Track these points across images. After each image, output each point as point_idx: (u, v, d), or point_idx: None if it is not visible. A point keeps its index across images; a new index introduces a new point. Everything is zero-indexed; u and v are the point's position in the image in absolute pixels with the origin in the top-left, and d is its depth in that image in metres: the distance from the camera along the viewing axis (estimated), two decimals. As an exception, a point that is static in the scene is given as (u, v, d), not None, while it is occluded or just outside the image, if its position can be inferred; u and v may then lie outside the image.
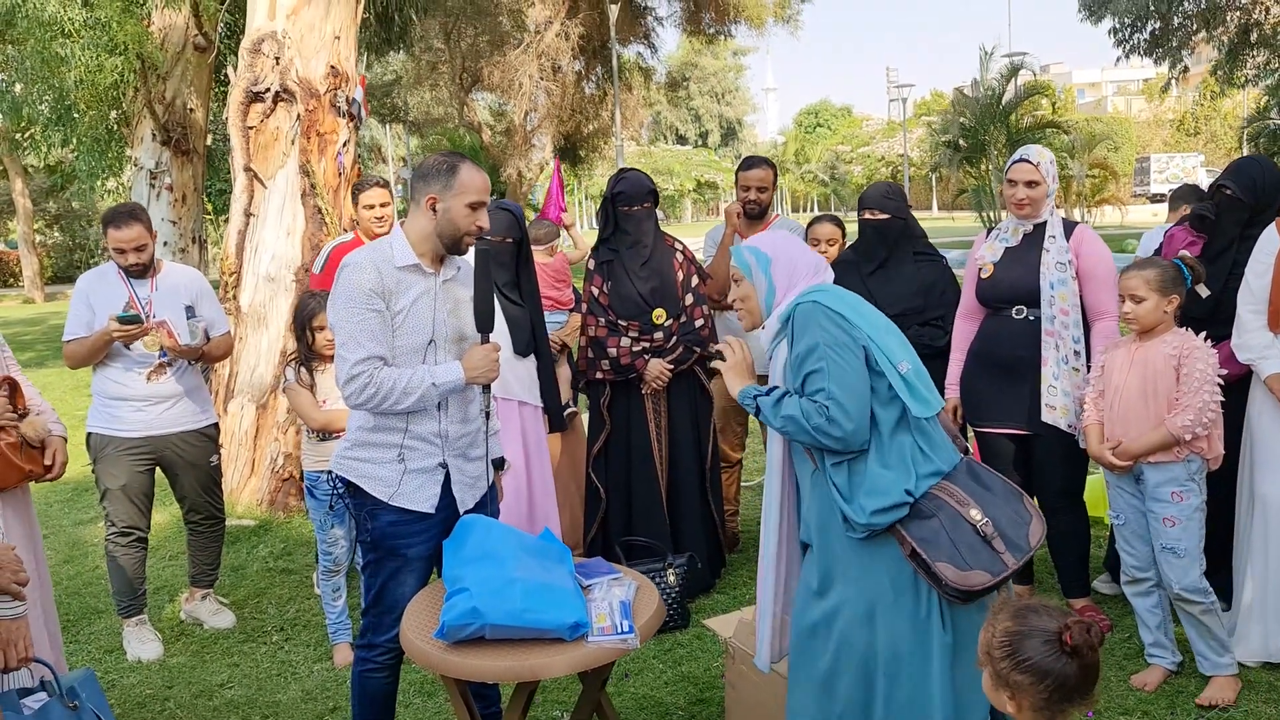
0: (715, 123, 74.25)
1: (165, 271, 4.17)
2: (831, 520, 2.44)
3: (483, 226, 2.79)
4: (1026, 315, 3.84)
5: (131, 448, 4.08)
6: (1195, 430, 3.23)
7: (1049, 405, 3.76)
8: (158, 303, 4.05)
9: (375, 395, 2.68)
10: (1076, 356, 3.74)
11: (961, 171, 30.68)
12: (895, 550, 2.36)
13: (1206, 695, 3.33)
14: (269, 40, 6.14)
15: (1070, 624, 1.76)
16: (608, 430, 4.37)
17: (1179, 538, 3.30)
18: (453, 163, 2.78)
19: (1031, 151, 3.86)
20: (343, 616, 4.00)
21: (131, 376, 4.04)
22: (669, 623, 3.99)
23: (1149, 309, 3.32)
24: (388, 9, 14.25)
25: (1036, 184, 3.81)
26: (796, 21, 23.79)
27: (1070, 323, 3.75)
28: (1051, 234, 3.82)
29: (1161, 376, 3.31)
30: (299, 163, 6.17)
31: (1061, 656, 1.76)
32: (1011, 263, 3.89)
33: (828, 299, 2.49)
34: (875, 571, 2.39)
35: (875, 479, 2.36)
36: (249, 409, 6.07)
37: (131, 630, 4.22)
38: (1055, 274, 3.77)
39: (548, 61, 21.78)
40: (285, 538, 5.53)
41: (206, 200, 11.75)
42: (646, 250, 4.31)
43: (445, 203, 2.75)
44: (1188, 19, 15.30)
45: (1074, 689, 1.77)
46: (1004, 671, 1.80)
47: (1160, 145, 42.72)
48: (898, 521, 2.33)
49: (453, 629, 2.47)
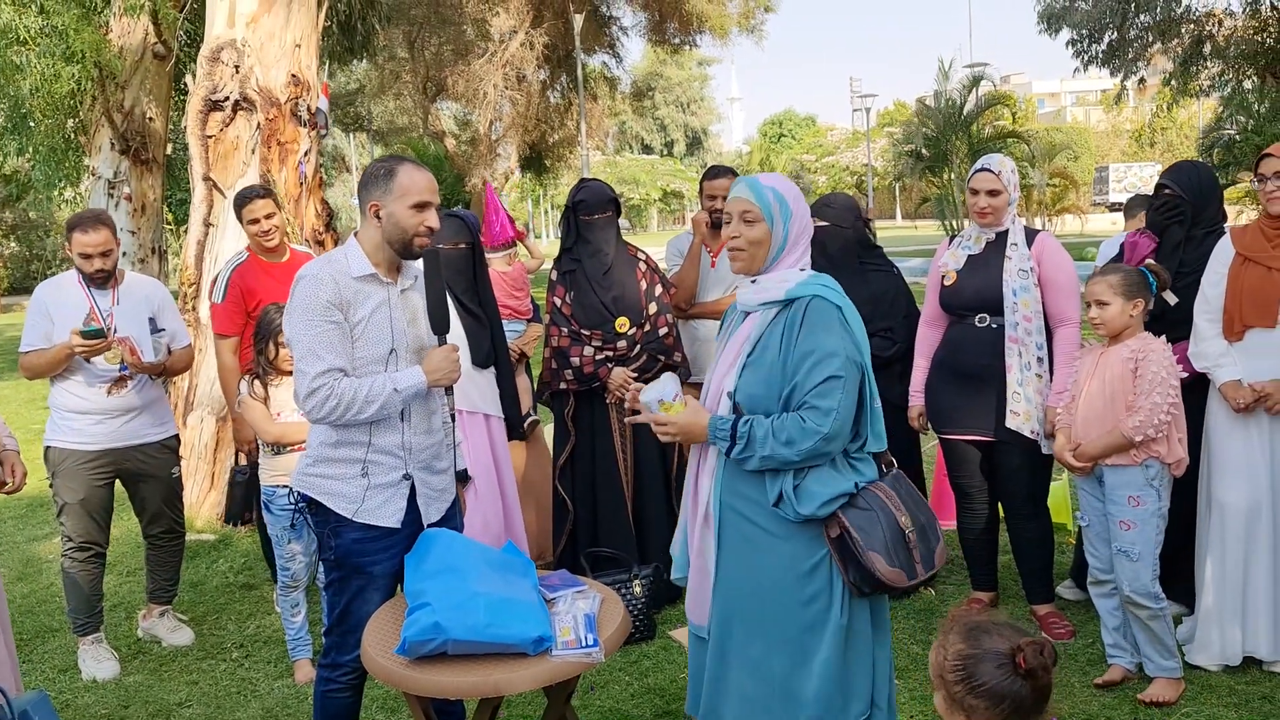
0: (680, 132, 74.51)
1: (127, 282, 4.10)
2: (755, 494, 2.47)
3: (432, 226, 2.74)
4: (990, 323, 3.87)
5: (91, 460, 4.01)
6: (1146, 432, 3.27)
7: (1013, 411, 3.80)
8: (120, 315, 3.98)
9: (337, 407, 2.64)
10: (1039, 363, 3.78)
11: (924, 181, 31.03)
12: (816, 529, 2.44)
13: (1150, 693, 3.38)
14: (228, 48, 6.07)
15: (1023, 645, 1.75)
16: (573, 441, 4.34)
17: (1133, 541, 3.34)
18: (390, 166, 2.74)
19: (993, 161, 3.90)
20: (302, 632, 3.95)
21: (92, 390, 3.97)
22: (635, 635, 3.96)
23: (1114, 313, 3.35)
24: (350, 17, 14.15)
25: (998, 193, 3.85)
26: (761, 31, 23.92)
27: (1033, 329, 3.79)
28: (1014, 241, 3.86)
29: (1120, 380, 3.35)
30: (259, 172, 6.10)
31: (1016, 679, 1.74)
32: (974, 270, 3.92)
33: (847, 311, 2.49)
34: (790, 547, 2.45)
35: (824, 474, 2.43)
36: (209, 422, 5.98)
37: (87, 649, 4.13)
38: (1018, 281, 3.80)
39: (512, 71, 21.75)
40: (245, 552, 5.45)
41: (166, 210, 11.60)
42: (608, 259, 4.30)
43: (388, 207, 2.71)
44: (1143, 31, 15.56)
45: (1031, 710, 1.76)
46: (959, 695, 1.78)
47: (1118, 155, 43.39)
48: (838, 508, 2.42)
49: (415, 645, 2.44)
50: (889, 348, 4.24)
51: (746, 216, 2.50)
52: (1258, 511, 3.47)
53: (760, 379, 2.47)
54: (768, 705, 2.49)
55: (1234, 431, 3.53)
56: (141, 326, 3.99)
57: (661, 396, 2.58)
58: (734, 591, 2.53)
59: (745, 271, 2.55)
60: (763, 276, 2.53)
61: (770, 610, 2.48)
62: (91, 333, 3.82)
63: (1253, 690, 3.43)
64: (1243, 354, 3.49)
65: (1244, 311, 3.48)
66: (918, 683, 3.62)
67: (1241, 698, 3.39)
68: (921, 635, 4.03)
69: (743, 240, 2.51)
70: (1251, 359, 3.46)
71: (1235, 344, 3.52)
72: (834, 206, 4.35)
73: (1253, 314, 3.46)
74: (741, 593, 2.51)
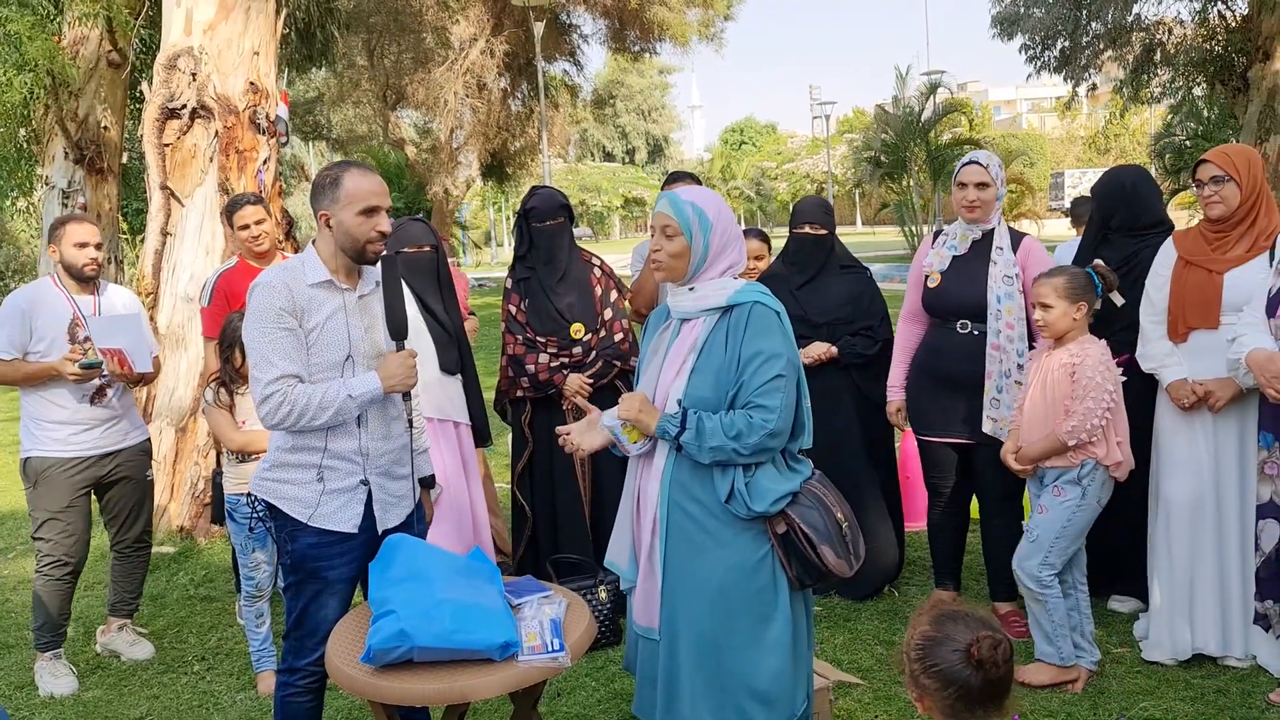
0: (642, 140, 74.57)
1: (107, 292, 4.10)
2: (703, 494, 2.55)
3: (383, 231, 2.73)
4: (972, 329, 3.91)
5: (75, 467, 3.98)
6: (1080, 436, 3.34)
7: (989, 416, 3.85)
8: (105, 327, 3.92)
9: (290, 413, 2.63)
10: (1020, 370, 3.80)
11: (883, 187, 31.31)
12: (760, 527, 2.55)
13: (1024, 673, 3.48)
14: (185, 56, 6.02)
15: (980, 638, 1.83)
16: (530, 448, 4.34)
17: (1039, 524, 3.46)
18: (336, 174, 2.74)
19: (981, 155, 3.97)
20: (266, 643, 3.91)
21: (75, 400, 3.95)
22: (601, 640, 3.97)
23: (1057, 316, 3.40)
24: (309, 25, 14.05)
25: (986, 185, 3.89)
26: (720, 40, 23.99)
27: (1015, 336, 3.82)
28: (999, 245, 3.90)
29: (1059, 384, 3.41)
30: (217, 180, 6.05)
31: (967, 667, 1.82)
32: (958, 274, 3.96)
33: (783, 316, 2.60)
34: (737, 544, 2.55)
35: (772, 472, 2.56)
36: (168, 432, 5.92)
37: (44, 664, 4.07)
38: (1002, 287, 3.84)
39: (473, 78, 21.67)
40: (207, 564, 5.39)
41: (122, 219, 11.44)
42: (562, 266, 4.30)
43: (337, 215, 2.71)
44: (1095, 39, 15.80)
45: (978, 700, 1.83)
46: (915, 673, 1.88)
47: (1073, 161, 44.00)
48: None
49: (380, 652, 2.43)
50: (871, 346, 4.32)
51: (667, 231, 2.61)
52: (1201, 506, 3.55)
53: (708, 383, 2.56)
54: (724, 688, 2.55)
55: (1179, 429, 3.60)
56: (138, 338, 3.96)
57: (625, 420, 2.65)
58: (682, 591, 2.58)
59: (669, 281, 2.66)
60: (701, 285, 2.62)
61: (720, 606, 2.55)
62: (91, 365, 3.82)
63: (1208, 684, 3.50)
64: (1187, 354, 3.57)
65: (1187, 314, 3.56)
66: (882, 683, 3.65)
67: (1197, 691, 3.46)
68: (886, 636, 4.07)
69: (663, 254, 2.62)
70: (1195, 359, 3.54)
71: (1180, 345, 3.59)
72: (830, 214, 4.52)
73: (1195, 316, 3.54)
74: (690, 592, 2.57)
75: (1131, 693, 3.48)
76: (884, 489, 4.46)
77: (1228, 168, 3.48)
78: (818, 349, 4.26)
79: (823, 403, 3.92)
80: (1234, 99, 14.39)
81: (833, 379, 4.30)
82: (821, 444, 2.75)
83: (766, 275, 4.49)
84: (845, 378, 4.35)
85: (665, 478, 2.61)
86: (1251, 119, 13.49)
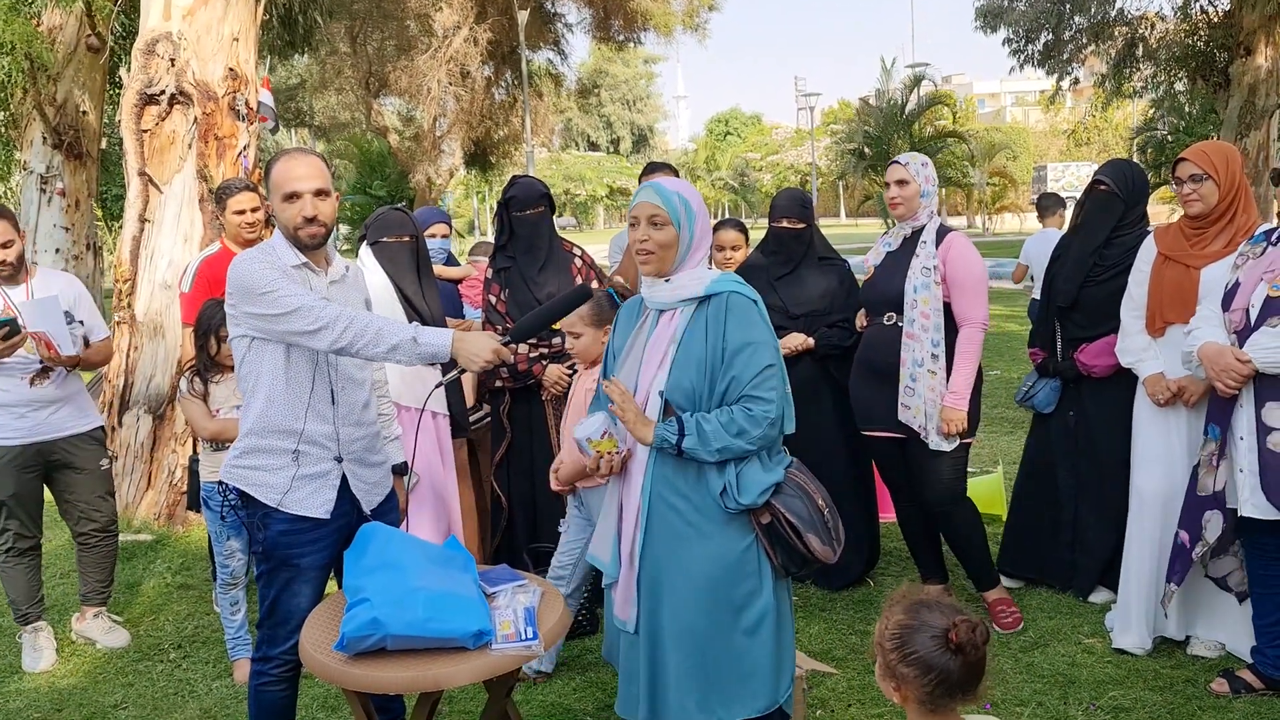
0: (627, 130, 74.50)
1: (39, 277, 4.06)
2: (687, 487, 2.56)
3: (307, 216, 2.67)
4: (896, 321, 3.93)
5: (19, 456, 3.96)
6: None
7: (904, 405, 3.86)
8: (34, 310, 3.90)
9: (348, 330, 2.56)
10: (934, 360, 3.80)
11: (867, 179, 31.40)
12: (743, 517, 2.56)
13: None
14: (164, 41, 5.97)
15: (958, 622, 1.82)
16: (509, 439, 4.35)
17: None
18: (269, 164, 2.74)
19: (903, 156, 4.00)
20: (242, 631, 3.90)
21: (13, 382, 3.92)
22: (578, 628, 3.98)
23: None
24: (291, 11, 13.96)
25: (906, 183, 3.91)
26: (704, 30, 23.96)
27: (930, 326, 3.81)
28: (924, 240, 3.90)
29: None
30: (196, 167, 6.01)
31: (946, 653, 1.81)
32: (886, 269, 4.01)
33: (760, 305, 2.60)
34: (721, 536, 2.56)
35: (756, 464, 2.56)
36: (145, 420, 5.89)
37: (26, 637, 4.12)
38: (920, 279, 3.85)
39: (456, 67, 21.57)
40: (184, 552, 5.38)
41: (99, 206, 11.36)
42: (542, 255, 4.30)
43: (273, 205, 2.72)
44: (1078, 33, 15.88)
45: (957, 685, 1.82)
46: (892, 663, 1.86)
47: (1056, 154, 44.19)
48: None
49: (353, 641, 2.43)
50: (847, 338, 4.33)
51: (655, 220, 2.56)
52: (1173, 499, 3.58)
53: (690, 374, 2.55)
54: (709, 679, 2.56)
55: (1155, 422, 3.65)
56: (57, 321, 3.92)
57: (590, 435, 2.62)
58: (668, 585, 2.59)
59: (655, 274, 2.61)
60: (676, 276, 2.60)
61: (705, 598, 2.55)
62: (4, 323, 3.75)
63: (1177, 674, 3.54)
64: (1165, 349, 3.61)
65: (1165, 308, 3.60)
66: (856, 672, 3.68)
67: (1166, 681, 3.50)
68: (860, 626, 4.09)
69: (652, 243, 2.56)
70: (1173, 353, 3.57)
71: (1158, 339, 3.63)
72: (808, 207, 4.49)
73: (1173, 311, 3.57)
74: (676, 585, 2.58)
75: (1101, 682, 3.52)
76: (859, 479, 4.48)
77: (1206, 166, 3.51)
78: (795, 340, 4.28)
79: (799, 393, 3.91)
80: (1215, 94, 14.49)
81: (809, 370, 4.32)
82: (797, 434, 2.74)
83: (745, 266, 4.50)
84: (821, 369, 4.37)
85: (648, 472, 2.61)
86: (1232, 114, 13.59)
